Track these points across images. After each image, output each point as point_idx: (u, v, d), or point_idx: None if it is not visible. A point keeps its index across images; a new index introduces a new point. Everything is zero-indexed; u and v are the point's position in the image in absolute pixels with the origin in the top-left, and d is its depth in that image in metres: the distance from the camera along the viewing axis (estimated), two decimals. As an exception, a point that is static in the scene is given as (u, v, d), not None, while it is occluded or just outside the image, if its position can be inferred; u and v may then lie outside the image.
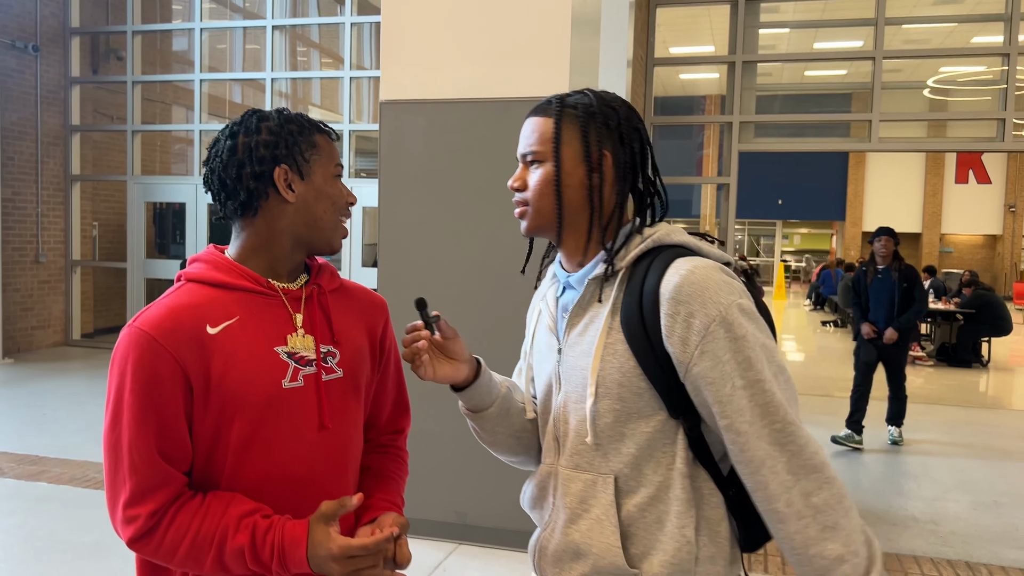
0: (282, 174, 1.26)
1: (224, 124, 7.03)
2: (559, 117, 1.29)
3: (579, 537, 1.26)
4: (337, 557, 1.15)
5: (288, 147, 1.27)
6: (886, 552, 4.09)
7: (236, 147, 1.27)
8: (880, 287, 5.99)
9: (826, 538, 1.14)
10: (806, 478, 1.15)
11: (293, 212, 1.28)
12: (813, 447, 1.17)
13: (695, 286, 1.17)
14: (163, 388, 1.16)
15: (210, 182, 1.29)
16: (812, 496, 1.15)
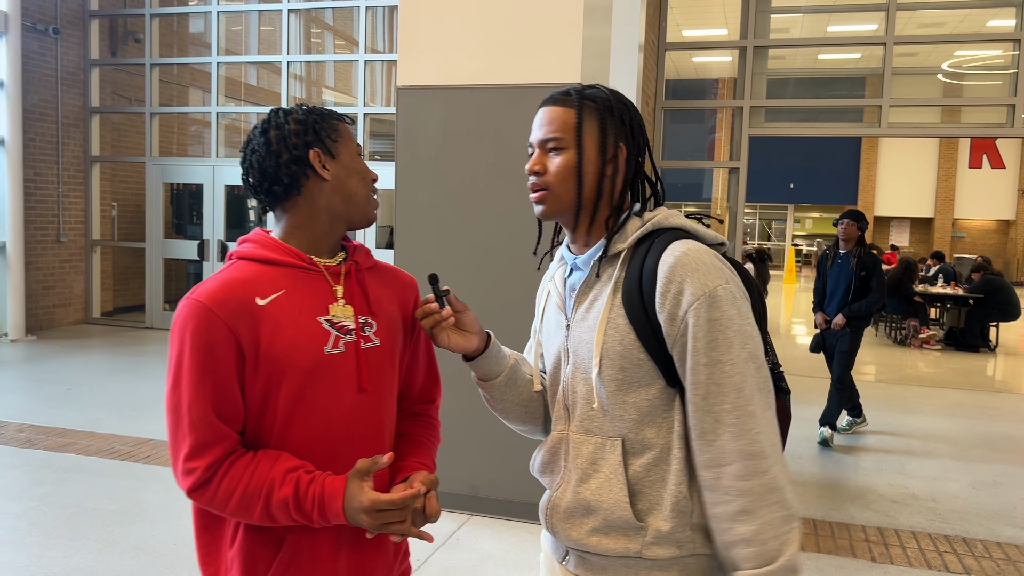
0: (316, 156, 1.40)
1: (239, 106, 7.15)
2: (580, 108, 1.40)
3: (590, 495, 1.38)
4: (368, 510, 1.28)
5: (316, 133, 1.42)
6: (884, 527, 4.22)
7: (270, 140, 1.40)
8: (839, 272, 5.79)
9: (740, 520, 1.25)
10: (740, 461, 1.25)
11: (330, 190, 1.41)
12: (758, 436, 1.25)
13: (687, 267, 1.29)
14: (218, 353, 1.29)
15: (250, 175, 1.42)
16: (740, 480, 1.25)
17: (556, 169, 1.38)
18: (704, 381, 1.27)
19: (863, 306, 5.64)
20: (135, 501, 4.26)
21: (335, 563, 1.38)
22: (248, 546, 1.36)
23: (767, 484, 1.25)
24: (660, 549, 1.34)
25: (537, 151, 1.42)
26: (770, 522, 1.24)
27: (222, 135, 10.07)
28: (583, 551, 1.41)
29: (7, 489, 4.36)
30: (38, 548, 3.64)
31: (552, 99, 1.43)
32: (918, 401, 7.40)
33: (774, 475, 1.25)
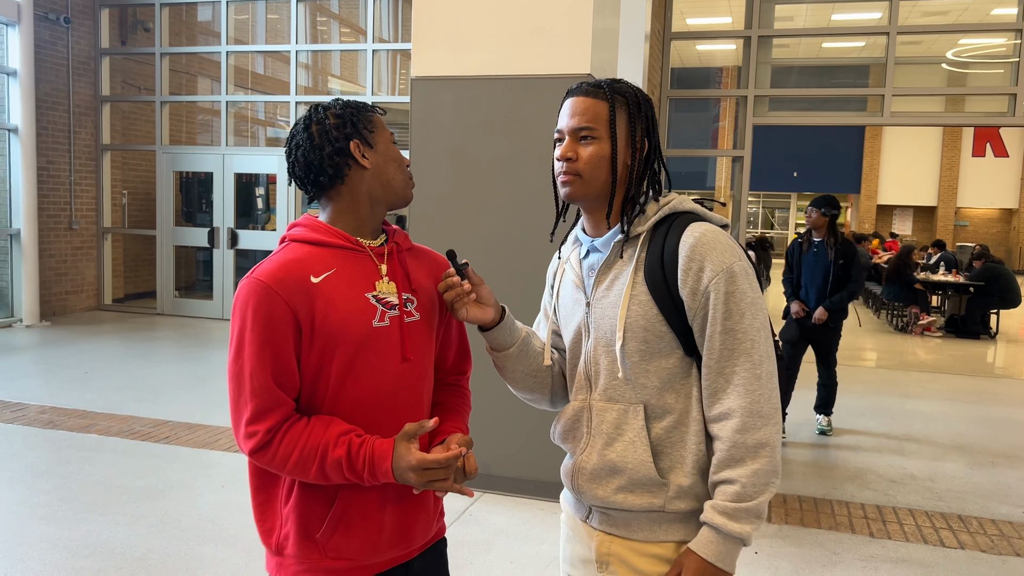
0: (356, 147, 1.54)
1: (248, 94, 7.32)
2: (612, 102, 1.52)
3: (615, 457, 1.52)
4: (415, 468, 1.42)
5: (354, 125, 1.55)
6: (883, 505, 4.36)
7: (312, 135, 1.54)
8: (815, 262, 5.55)
9: (729, 465, 1.42)
10: (740, 417, 1.41)
11: (370, 177, 1.55)
12: (760, 396, 1.41)
13: (706, 246, 1.44)
14: (277, 327, 1.42)
15: (296, 168, 1.56)
16: (738, 433, 1.41)
17: (588, 157, 1.50)
18: (719, 347, 1.43)
19: (843, 297, 5.43)
20: (159, 479, 4.41)
21: (381, 518, 1.52)
22: (302, 503, 1.50)
23: (760, 439, 1.41)
24: (681, 503, 1.49)
25: (568, 138, 1.53)
26: (755, 471, 1.40)
27: (231, 123, 10.19)
28: (608, 508, 1.55)
29: (34, 467, 4.51)
30: (69, 522, 3.79)
31: (583, 90, 1.54)
32: (918, 387, 7.54)
33: (767, 433, 1.41)
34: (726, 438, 1.42)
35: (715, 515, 1.41)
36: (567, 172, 1.52)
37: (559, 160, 1.53)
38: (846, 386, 7.39)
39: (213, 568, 3.41)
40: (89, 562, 3.42)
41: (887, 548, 3.82)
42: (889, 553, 3.76)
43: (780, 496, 4.46)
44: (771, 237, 29.24)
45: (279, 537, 1.53)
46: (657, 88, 8.27)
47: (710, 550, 1.41)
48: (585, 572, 1.62)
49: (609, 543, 1.56)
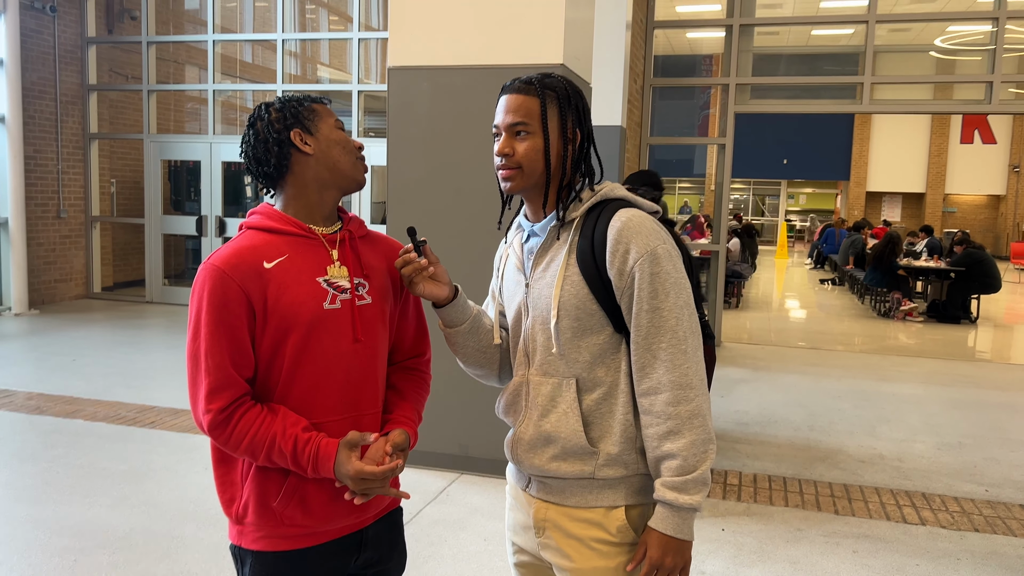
0: (296, 135, 1.63)
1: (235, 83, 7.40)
2: (543, 97, 1.61)
3: (550, 427, 1.62)
4: (353, 477, 1.54)
5: (295, 115, 1.64)
6: (850, 484, 4.48)
7: (257, 131, 1.65)
8: None
9: (668, 439, 1.52)
10: (671, 391, 1.52)
11: (315, 163, 1.63)
12: (690, 370, 1.52)
13: (631, 230, 1.54)
14: (232, 309, 1.52)
15: (248, 163, 1.67)
16: (670, 406, 1.52)
17: (524, 151, 1.60)
18: (645, 324, 1.53)
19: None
20: (142, 462, 4.50)
21: (334, 488, 1.61)
22: (260, 475, 1.60)
23: (692, 410, 1.51)
24: (610, 470, 1.59)
25: (504, 135, 1.62)
26: (693, 442, 1.51)
27: (219, 112, 10.22)
28: (544, 476, 1.65)
29: (20, 452, 4.60)
30: (54, 504, 3.89)
31: (515, 87, 1.63)
32: (895, 370, 7.67)
33: (699, 403, 1.52)
34: (660, 412, 1.52)
35: (666, 491, 1.51)
36: (506, 167, 1.61)
37: (497, 155, 1.62)
38: (825, 370, 7.52)
39: (194, 546, 3.51)
40: (73, 541, 3.51)
41: (850, 524, 3.94)
42: (852, 529, 3.88)
43: (750, 476, 4.58)
44: (760, 225, 29.38)
45: (239, 507, 1.63)
46: (640, 77, 8.34)
47: (668, 524, 1.51)
48: (526, 538, 1.72)
49: (545, 510, 1.66)
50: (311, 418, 1.59)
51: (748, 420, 5.71)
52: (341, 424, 1.61)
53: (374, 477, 1.54)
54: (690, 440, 1.50)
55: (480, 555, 3.51)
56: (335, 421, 1.61)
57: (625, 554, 1.60)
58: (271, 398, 1.59)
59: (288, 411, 1.57)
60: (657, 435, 1.53)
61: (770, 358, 8.06)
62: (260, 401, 1.59)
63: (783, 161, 26.89)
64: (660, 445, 1.53)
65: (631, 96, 7.71)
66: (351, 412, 1.63)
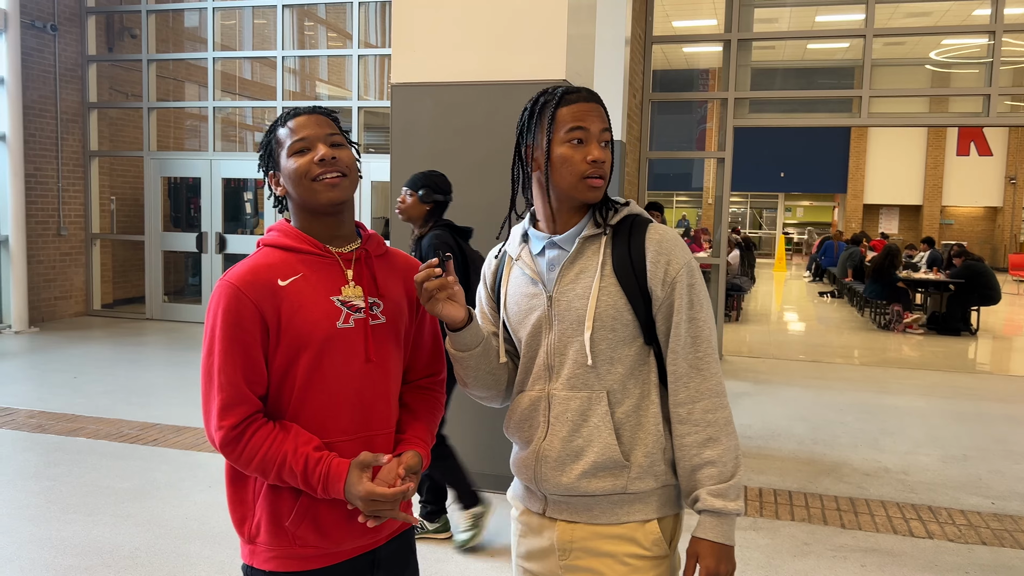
0: (272, 179, 1.67)
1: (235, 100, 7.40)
2: (606, 110, 1.65)
3: (582, 442, 1.61)
4: (363, 498, 1.53)
5: (269, 155, 1.67)
6: (856, 498, 4.47)
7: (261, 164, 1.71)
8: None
9: (708, 446, 1.56)
10: (708, 398, 1.57)
11: (289, 193, 1.65)
12: (720, 378, 1.59)
13: (671, 243, 1.60)
14: (245, 326, 1.52)
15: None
16: (708, 413, 1.57)
17: (610, 162, 1.62)
18: (684, 334, 1.58)
19: None
20: (145, 480, 4.48)
21: (347, 508, 1.59)
22: (272, 494, 1.59)
23: (726, 417, 1.58)
24: (642, 483, 1.60)
25: (595, 141, 1.59)
26: (728, 447, 1.56)
27: (218, 129, 10.25)
28: (569, 495, 1.63)
29: (23, 470, 4.58)
30: (57, 523, 3.87)
31: (593, 96, 1.63)
32: (897, 382, 7.66)
33: (729, 411, 1.59)
34: (698, 420, 1.56)
35: (713, 500, 1.53)
36: (599, 175, 1.60)
37: (594, 162, 1.58)
38: (827, 383, 7.51)
39: (199, 564, 3.49)
40: (77, 560, 3.49)
41: (857, 538, 3.92)
42: (859, 543, 3.87)
43: (755, 490, 4.56)
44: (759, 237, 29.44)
45: (251, 526, 1.62)
46: (639, 92, 8.38)
47: (717, 531, 1.54)
48: (545, 564, 1.69)
49: (571, 531, 1.64)
50: (323, 437, 1.58)
51: (751, 434, 5.70)
52: (353, 444, 1.60)
53: (385, 499, 1.53)
54: (726, 446, 1.56)
55: (487, 571, 3.49)
56: (347, 441, 1.60)
57: (658, 567, 1.60)
58: (283, 416, 1.59)
59: (300, 429, 1.57)
60: (696, 443, 1.56)
61: (771, 371, 8.06)
62: (272, 419, 1.59)
63: (780, 174, 27.00)
64: (700, 452, 1.56)
65: (630, 111, 7.75)
66: (363, 432, 1.62)
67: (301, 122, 1.62)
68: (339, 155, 1.60)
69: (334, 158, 1.59)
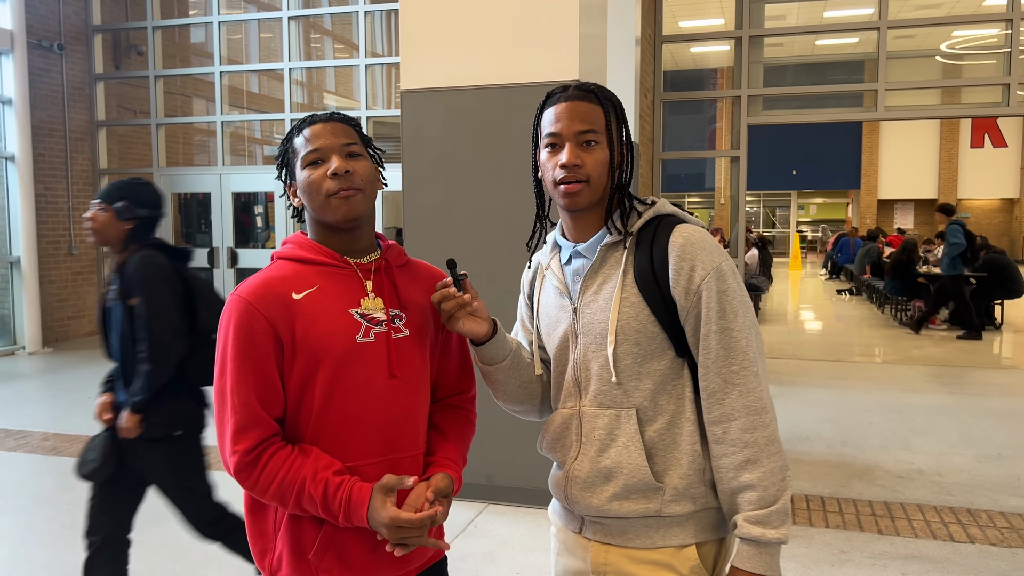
0: (289, 190, 1.58)
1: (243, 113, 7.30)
2: (605, 106, 1.50)
3: (610, 463, 1.49)
4: (387, 525, 1.41)
5: (286, 165, 1.57)
6: (891, 502, 4.32)
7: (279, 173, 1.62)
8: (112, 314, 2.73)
9: (746, 468, 1.41)
10: (745, 416, 1.42)
11: (305, 206, 1.55)
12: (761, 393, 1.43)
13: (696, 246, 1.45)
14: (257, 342, 1.42)
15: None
16: (746, 432, 1.41)
17: (593, 162, 1.47)
18: (715, 346, 1.43)
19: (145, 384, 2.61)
20: (160, 503, 4.38)
21: (374, 538, 1.48)
22: (293, 524, 1.49)
23: (769, 436, 1.41)
24: (678, 506, 1.47)
25: (569, 144, 1.47)
26: (771, 470, 1.40)
27: (227, 143, 10.21)
28: (602, 517, 1.52)
29: (37, 494, 4.50)
30: (72, 548, 3.78)
31: (574, 94, 1.50)
32: (923, 380, 7.50)
33: (774, 429, 1.42)
34: (735, 440, 1.42)
35: (751, 527, 1.39)
36: (574, 179, 1.47)
37: (564, 167, 1.47)
38: (852, 383, 7.36)
39: (217, 590, 3.39)
40: (92, 588, 3.40)
41: (896, 545, 3.78)
42: (898, 550, 3.73)
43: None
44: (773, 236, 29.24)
45: (272, 560, 1.52)
46: (650, 92, 8.27)
47: (756, 562, 1.40)
48: None
49: (605, 553, 1.53)
50: (345, 461, 1.47)
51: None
52: (378, 467, 1.49)
53: (411, 525, 1.41)
54: (768, 469, 1.40)
55: (514, 590, 3.38)
56: (371, 464, 1.49)
57: None
58: (302, 440, 1.48)
59: (320, 453, 1.46)
60: (733, 465, 1.42)
61: (793, 372, 7.91)
62: (291, 443, 1.48)
63: (792, 172, 26.79)
64: (737, 476, 1.41)
65: (642, 111, 7.64)
66: (389, 454, 1.51)
67: (316, 131, 1.51)
68: (355, 167, 1.49)
69: (348, 172, 1.47)
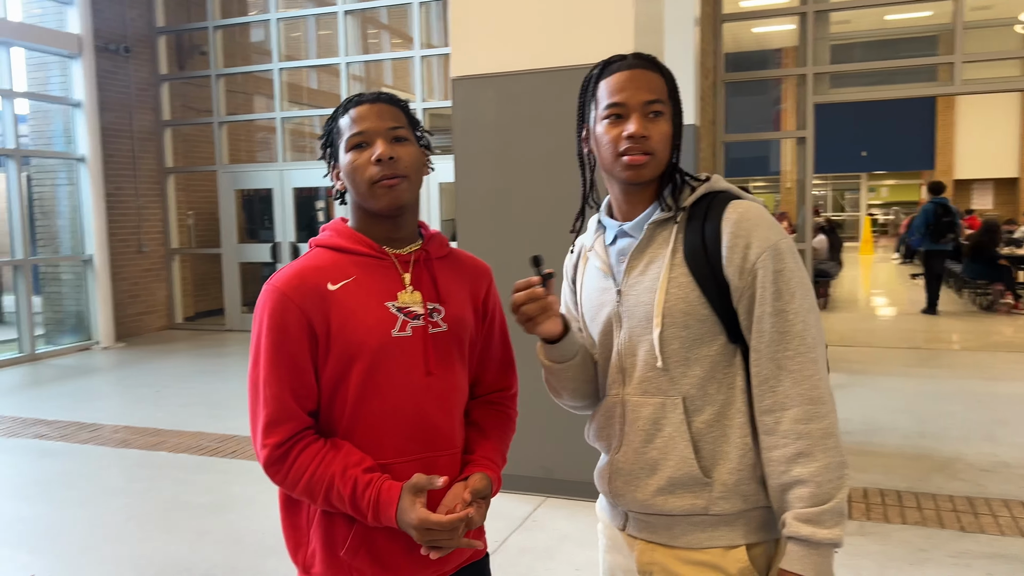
0: (333, 172, 1.50)
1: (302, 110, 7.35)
2: (666, 77, 1.42)
3: (655, 454, 1.40)
4: (416, 527, 1.33)
5: (330, 143, 1.50)
6: (974, 496, 4.08)
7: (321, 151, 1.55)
8: None
9: (798, 462, 1.29)
10: (800, 406, 1.30)
11: (348, 190, 1.48)
12: (819, 381, 1.30)
13: (751, 222, 1.34)
14: (291, 333, 1.37)
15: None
16: (800, 423, 1.30)
17: (660, 134, 1.38)
18: (769, 329, 1.32)
19: None
20: (224, 494, 4.44)
21: (407, 537, 1.41)
22: (325, 521, 1.44)
23: (825, 429, 1.30)
24: (727, 503, 1.37)
25: (635, 114, 1.38)
26: (827, 465, 1.29)
27: (287, 140, 10.32)
28: (647, 513, 1.43)
29: (106, 486, 4.60)
30: (136, 540, 3.84)
31: (637, 63, 1.41)
32: (1006, 367, 7.11)
33: (832, 421, 1.31)
34: (787, 431, 1.30)
35: (801, 526, 1.28)
36: (641, 151, 1.37)
37: (630, 137, 1.36)
38: (928, 371, 7.03)
39: (275, 583, 3.39)
40: (155, 580, 3.44)
41: (980, 543, 3.56)
42: (983, 548, 3.50)
43: (860, 490, 4.22)
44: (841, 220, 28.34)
45: (306, 555, 1.48)
46: (711, 73, 8.03)
47: (806, 564, 1.28)
48: None
49: (651, 552, 1.44)
50: (379, 458, 1.40)
51: (851, 428, 5.32)
52: (412, 466, 1.42)
53: (441, 528, 1.33)
54: (824, 464, 1.28)
55: (573, 587, 3.29)
56: (406, 462, 1.42)
57: None
58: (335, 434, 1.43)
59: (352, 448, 1.40)
60: (784, 458, 1.30)
61: (866, 360, 7.60)
62: (324, 437, 1.43)
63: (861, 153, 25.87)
64: (788, 470, 1.30)
65: (703, 93, 7.41)
66: (424, 452, 1.44)
67: (363, 112, 1.43)
68: (400, 153, 1.41)
69: (392, 158, 1.40)
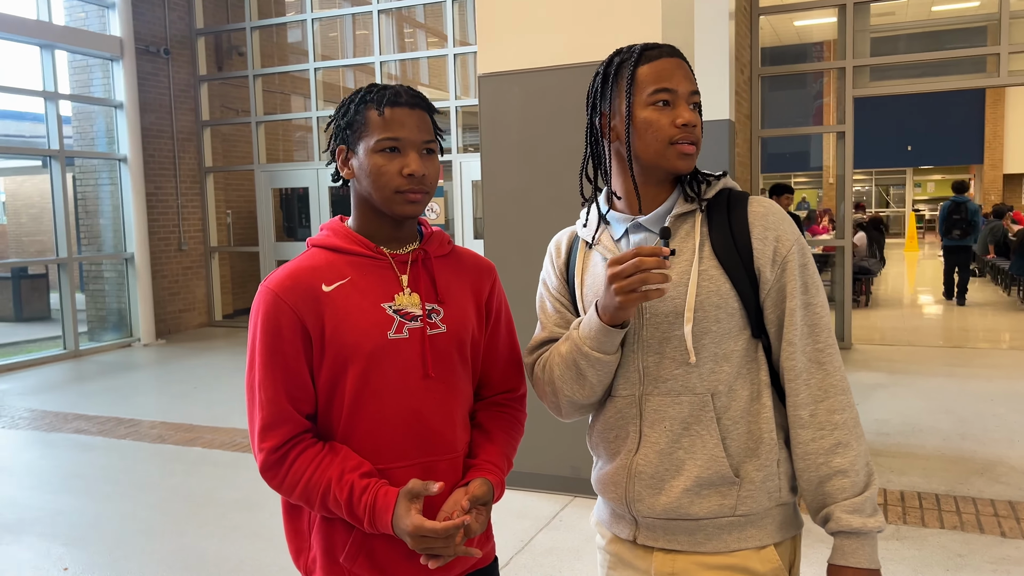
0: (341, 153, 1.43)
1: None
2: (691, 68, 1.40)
3: (683, 454, 1.35)
4: (411, 534, 1.30)
5: (348, 126, 1.41)
6: (1016, 501, 3.95)
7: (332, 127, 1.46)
8: None
9: (836, 452, 1.30)
10: (833, 397, 1.31)
11: (357, 183, 1.43)
12: (843, 373, 1.33)
13: (776, 216, 1.36)
14: (285, 335, 1.35)
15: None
16: (835, 413, 1.31)
17: (700, 127, 1.38)
18: (800, 322, 1.33)
19: None
20: (255, 490, 4.49)
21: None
22: (325, 526, 1.42)
23: (854, 418, 1.33)
24: (753, 502, 1.34)
25: (683, 103, 1.35)
26: (860, 453, 1.31)
27: (323, 139, 10.41)
28: (668, 518, 1.37)
29: (141, 481, 4.68)
30: (168, 535, 3.90)
31: (673, 51, 1.39)
32: (1056, 367, 6.89)
33: (856, 410, 1.33)
34: (823, 422, 1.31)
35: (851, 518, 1.28)
36: (692, 141, 1.35)
37: (684, 125, 1.33)
38: (973, 370, 6.84)
39: (301, 579, 3.41)
40: (183, 573, 3.48)
41: (1022, 549, 3.44)
42: (1024, 555, 3.39)
43: (896, 493, 4.12)
44: (887, 216, 27.75)
45: (307, 560, 1.46)
46: (747, 67, 7.90)
47: (861, 556, 1.28)
48: None
49: (672, 562, 1.39)
50: (377, 462, 1.39)
51: (889, 430, 5.20)
52: (411, 470, 1.40)
53: (435, 535, 1.30)
54: (857, 452, 1.31)
55: (598, 588, 3.25)
56: (405, 467, 1.40)
57: None
58: (334, 437, 1.41)
59: (350, 452, 1.38)
60: (823, 449, 1.31)
61: (907, 360, 7.42)
62: (323, 440, 1.41)
63: (907, 148, 25.29)
64: (828, 461, 1.30)
65: (738, 87, 7.30)
66: (424, 457, 1.41)
67: (400, 117, 1.37)
68: (429, 171, 1.39)
69: (424, 175, 1.38)
